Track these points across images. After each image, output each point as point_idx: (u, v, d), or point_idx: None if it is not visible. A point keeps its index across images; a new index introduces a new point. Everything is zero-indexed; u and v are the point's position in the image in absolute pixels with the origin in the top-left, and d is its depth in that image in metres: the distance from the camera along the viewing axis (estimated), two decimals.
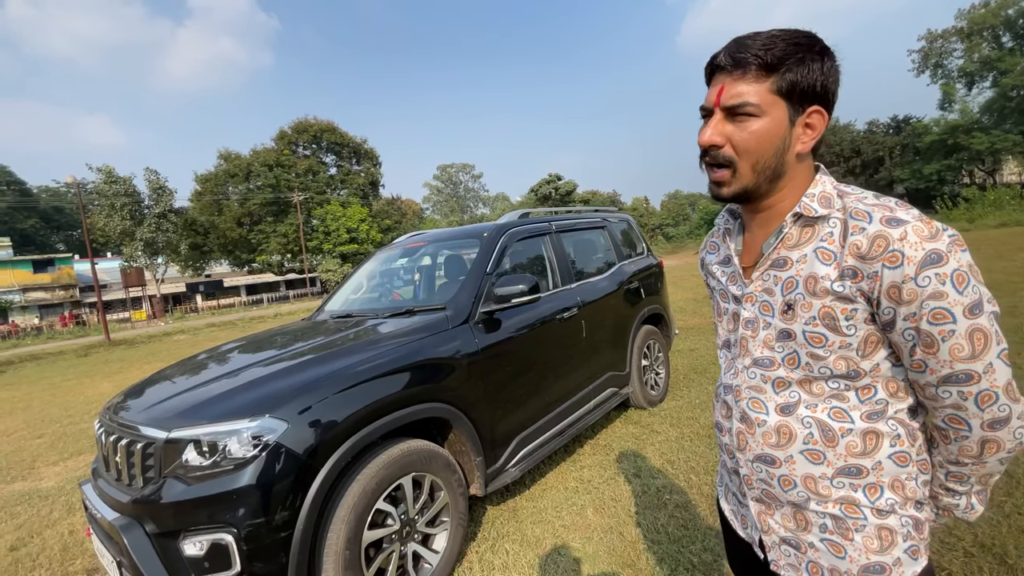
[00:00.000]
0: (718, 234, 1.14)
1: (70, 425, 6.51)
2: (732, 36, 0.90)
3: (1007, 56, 30.74)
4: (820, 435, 0.91)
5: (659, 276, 4.92)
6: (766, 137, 0.87)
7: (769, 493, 0.98)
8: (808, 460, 0.92)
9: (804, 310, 0.88)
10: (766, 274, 0.95)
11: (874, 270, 0.80)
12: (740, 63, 0.86)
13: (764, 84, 0.85)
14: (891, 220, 0.80)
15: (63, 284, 45.69)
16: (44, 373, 13.00)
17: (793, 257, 0.91)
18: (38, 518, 3.73)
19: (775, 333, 0.94)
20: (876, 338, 0.86)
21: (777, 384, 0.95)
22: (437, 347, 2.63)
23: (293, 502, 1.95)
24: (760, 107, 0.86)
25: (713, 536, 2.52)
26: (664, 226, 53.00)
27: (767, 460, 0.96)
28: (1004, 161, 36.29)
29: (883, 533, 0.88)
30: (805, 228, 0.90)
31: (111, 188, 33.65)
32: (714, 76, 0.91)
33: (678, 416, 4.16)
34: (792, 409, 0.93)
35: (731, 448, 1.05)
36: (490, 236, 3.35)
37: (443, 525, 2.49)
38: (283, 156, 44.88)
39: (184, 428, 1.99)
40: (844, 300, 0.84)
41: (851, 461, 0.89)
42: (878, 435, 0.89)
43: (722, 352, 1.11)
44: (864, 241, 0.81)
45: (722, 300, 1.09)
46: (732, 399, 1.03)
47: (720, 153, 0.89)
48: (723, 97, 0.88)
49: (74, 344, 21.54)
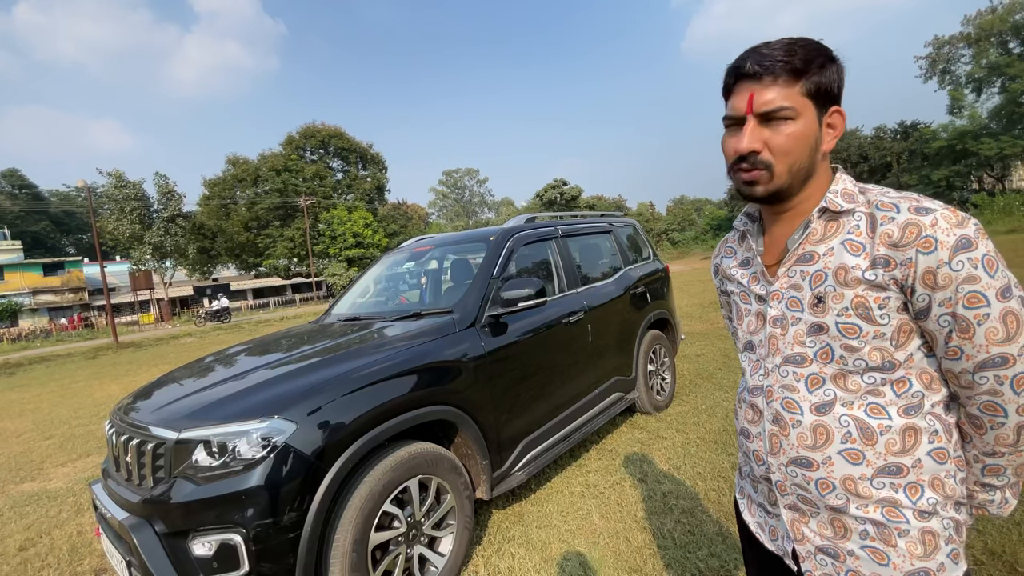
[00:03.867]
0: (734, 238, 1.14)
1: (79, 427, 6.56)
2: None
3: (1016, 62, 30.56)
4: (858, 433, 0.89)
5: (665, 281, 4.92)
6: (802, 138, 0.88)
7: (805, 499, 0.95)
8: (847, 460, 0.89)
9: (836, 301, 0.88)
10: (792, 269, 0.95)
11: (908, 256, 0.81)
12: (769, 69, 0.87)
13: (795, 88, 0.87)
14: (919, 209, 0.82)
15: (72, 287, 46.09)
16: (53, 375, 13.12)
17: (819, 251, 0.91)
18: (47, 518, 3.76)
19: (806, 328, 0.93)
20: (909, 327, 0.87)
21: (811, 381, 0.93)
22: (444, 350, 2.64)
23: (301, 503, 1.96)
24: (795, 110, 0.87)
25: (720, 542, 2.51)
26: (670, 231, 52.92)
27: (803, 463, 0.93)
28: (1013, 167, 36.02)
29: (926, 537, 0.86)
30: (830, 223, 0.91)
31: (121, 192, 34.05)
32: (737, 84, 0.92)
33: (684, 421, 4.14)
34: (828, 408, 0.91)
35: (761, 454, 1.01)
36: (496, 240, 3.37)
37: (449, 528, 2.50)
38: (291, 161, 45.23)
39: (194, 429, 2.01)
40: (877, 288, 0.85)
41: (891, 460, 0.88)
42: (916, 431, 0.88)
43: (744, 355, 1.09)
44: (895, 229, 0.82)
45: (743, 301, 1.07)
46: (762, 401, 1.00)
47: (759, 158, 0.90)
48: (756, 104, 0.88)
49: (83, 346, 21.71)
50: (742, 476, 1.17)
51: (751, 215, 1.09)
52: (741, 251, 1.10)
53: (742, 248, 1.10)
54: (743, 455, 1.11)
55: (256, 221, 44.36)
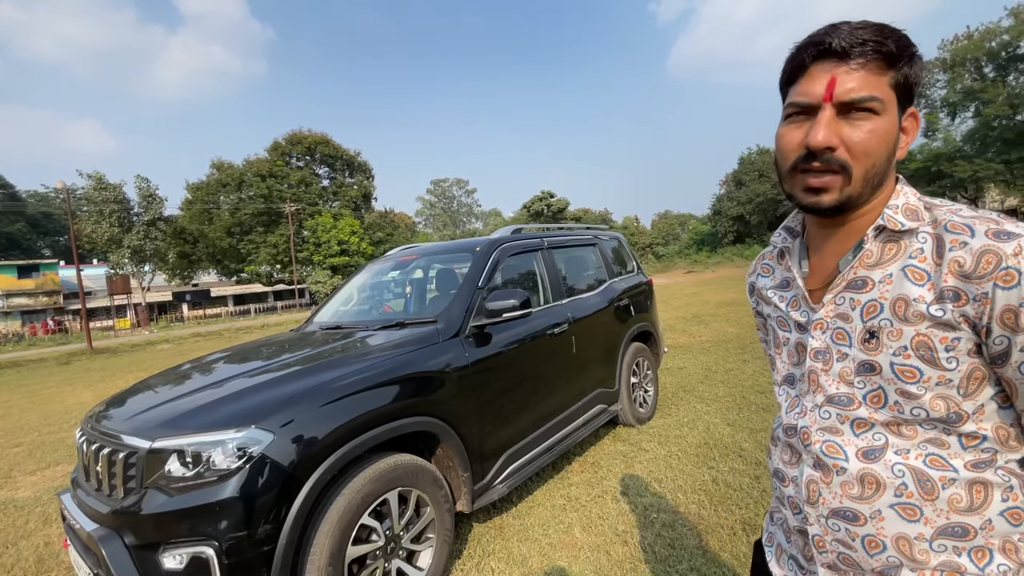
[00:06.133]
0: (772, 255, 1.01)
1: (49, 434, 6.38)
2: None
3: (989, 87, 31.58)
4: (916, 485, 0.75)
5: (649, 294, 4.96)
6: (885, 138, 0.75)
7: (848, 559, 0.80)
8: (901, 516, 0.75)
9: (892, 339, 0.75)
10: (840, 296, 0.81)
11: (983, 291, 0.68)
12: (860, 50, 0.73)
13: (885, 78, 0.74)
14: (999, 233, 0.68)
15: (47, 290, 44.98)
16: (24, 380, 12.75)
17: (875, 277, 0.78)
18: (13, 528, 3.63)
19: (854, 366, 0.79)
20: (981, 373, 0.72)
21: (857, 425, 0.80)
22: (427, 360, 2.62)
23: (277, 515, 1.92)
24: (883, 103, 0.74)
25: (700, 556, 2.51)
26: (654, 245, 53.46)
27: (848, 516, 0.79)
28: (987, 188, 37.12)
29: None
30: (888, 244, 0.78)
31: (100, 195, 33.42)
32: (814, 64, 0.77)
33: (666, 434, 4.16)
34: (879, 455, 0.77)
35: (797, 501, 0.87)
36: (482, 251, 3.37)
37: (428, 542, 2.46)
38: (276, 167, 44.88)
39: (168, 438, 1.96)
40: (944, 327, 0.71)
41: (955, 519, 0.73)
42: (987, 486, 0.73)
43: (782, 389, 0.96)
44: (968, 257, 0.69)
45: (780, 328, 0.95)
46: (799, 443, 0.87)
47: (835, 157, 0.75)
48: (838, 90, 0.74)
49: (56, 351, 21.17)
50: (773, 522, 1.02)
51: (791, 229, 0.96)
52: (780, 270, 0.97)
53: (781, 267, 0.97)
54: (776, 500, 0.98)
55: (239, 227, 43.85)
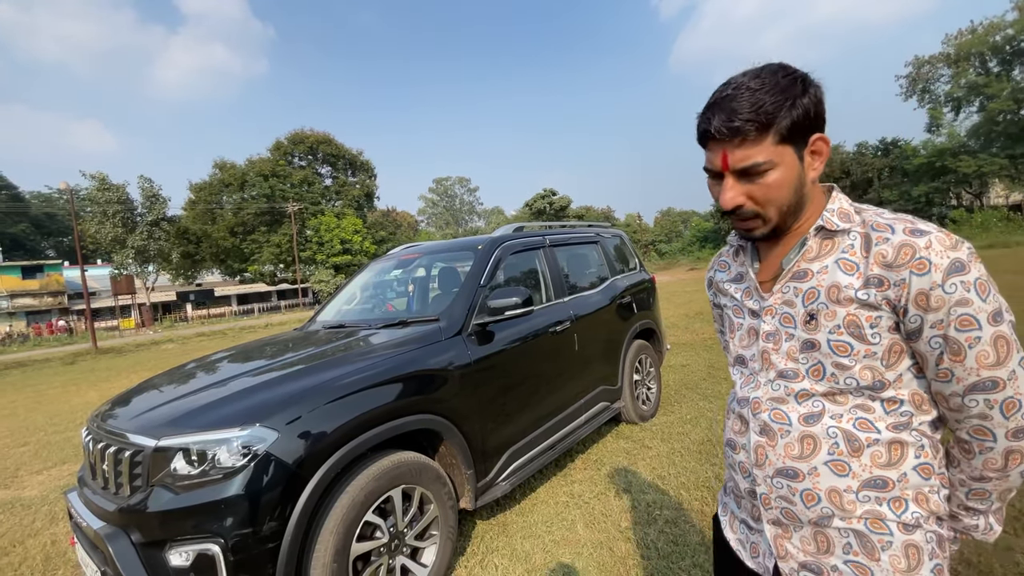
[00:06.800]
0: (729, 253, 1.15)
1: (55, 434, 6.42)
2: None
3: (994, 82, 31.38)
4: (845, 445, 0.89)
5: (651, 291, 4.96)
6: (784, 184, 0.89)
7: (789, 512, 0.95)
8: (833, 472, 0.90)
9: (828, 319, 0.89)
10: (786, 286, 0.96)
11: (901, 278, 0.82)
12: (736, 131, 0.86)
13: (766, 141, 0.87)
14: (914, 231, 0.83)
15: (52, 291, 45.18)
16: (29, 380, 12.83)
17: (814, 269, 0.92)
18: (20, 527, 3.66)
19: (799, 344, 0.94)
20: (900, 347, 0.87)
21: (800, 396, 0.94)
22: (430, 358, 2.63)
23: (281, 513, 1.94)
24: (771, 162, 0.87)
25: (703, 552, 2.51)
26: (657, 242, 53.34)
27: (789, 474, 0.94)
28: (991, 184, 36.90)
29: (910, 551, 0.86)
30: (825, 241, 0.92)
31: (104, 195, 33.58)
32: (710, 142, 0.92)
33: (669, 431, 4.16)
34: (816, 419, 0.92)
35: (747, 466, 1.01)
36: (484, 249, 3.38)
37: (432, 539, 2.47)
38: (279, 166, 44.97)
39: (173, 436, 1.97)
40: (869, 308, 0.86)
41: (876, 473, 0.88)
42: (903, 445, 0.89)
43: (736, 368, 1.10)
44: (890, 250, 0.83)
45: (736, 316, 1.09)
46: (749, 412, 1.01)
47: (745, 211, 0.92)
48: (730, 162, 0.89)
49: (61, 352, 21.27)
50: (726, 493, 1.17)
51: None
52: (735, 265, 1.12)
53: (736, 263, 1.12)
54: (728, 468, 1.11)
55: (242, 226, 43.94)
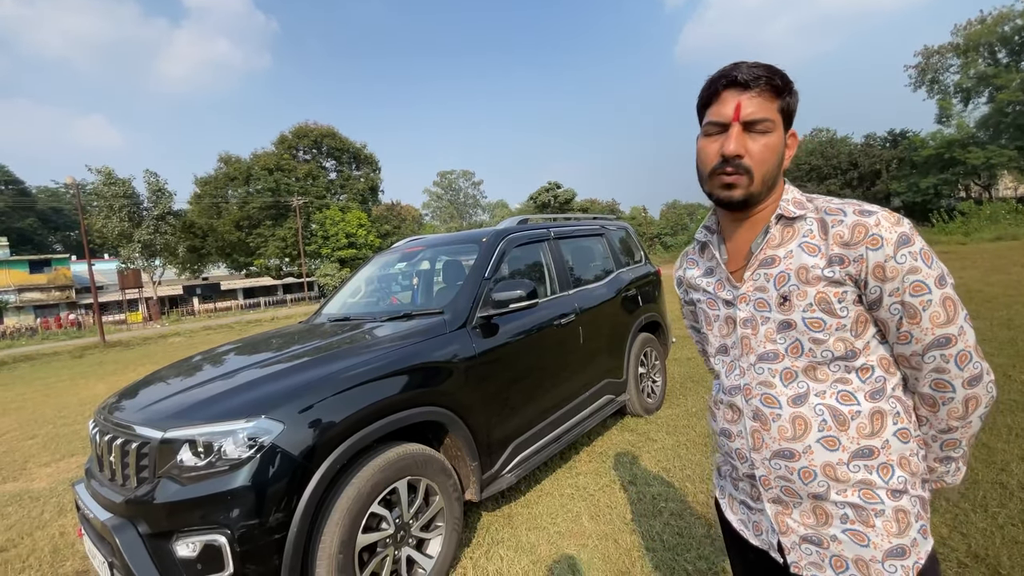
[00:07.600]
0: (695, 250, 1.22)
1: (63, 426, 6.47)
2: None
3: (1003, 72, 30.97)
4: (832, 420, 0.96)
5: (657, 284, 4.94)
6: (775, 150, 0.97)
7: (788, 490, 1.00)
8: (825, 447, 0.96)
9: (800, 299, 0.96)
10: (756, 273, 1.02)
11: (859, 254, 0.91)
12: (758, 80, 0.95)
13: (774, 104, 0.96)
14: (863, 211, 0.93)
15: (59, 285, 45.51)
16: (38, 374, 12.94)
17: (780, 254, 0.99)
18: (29, 519, 3.70)
19: (775, 326, 1.00)
20: (865, 317, 0.96)
21: (785, 376, 1.00)
22: (434, 351, 2.63)
23: (288, 504, 1.94)
24: (774, 123, 0.96)
25: (708, 545, 2.51)
26: (663, 235, 53.20)
27: (785, 455, 0.99)
28: (1000, 175, 36.55)
29: (899, 515, 0.93)
30: (786, 228, 1.00)
31: (110, 190, 33.71)
32: (723, 92, 0.98)
33: (674, 424, 4.15)
34: (803, 399, 0.98)
35: (743, 452, 1.06)
36: (489, 241, 3.36)
37: (438, 530, 2.48)
38: (283, 160, 44.94)
39: (180, 428, 1.98)
40: (835, 284, 0.94)
41: (863, 443, 0.95)
42: (882, 414, 0.96)
43: (717, 359, 1.15)
44: (845, 231, 0.92)
45: (710, 308, 1.14)
46: (741, 400, 1.06)
47: (742, 163, 0.97)
48: (743, 112, 0.95)
49: (69, 345, 21.44)
50: (721, 476, 1.22)
51: (709, 228, 1.17)
52: (703, 261, 1.18)
53: (704, 258, 1.17)
54: (723, 455, 1.17)
55: (248, 220, 44.02)
